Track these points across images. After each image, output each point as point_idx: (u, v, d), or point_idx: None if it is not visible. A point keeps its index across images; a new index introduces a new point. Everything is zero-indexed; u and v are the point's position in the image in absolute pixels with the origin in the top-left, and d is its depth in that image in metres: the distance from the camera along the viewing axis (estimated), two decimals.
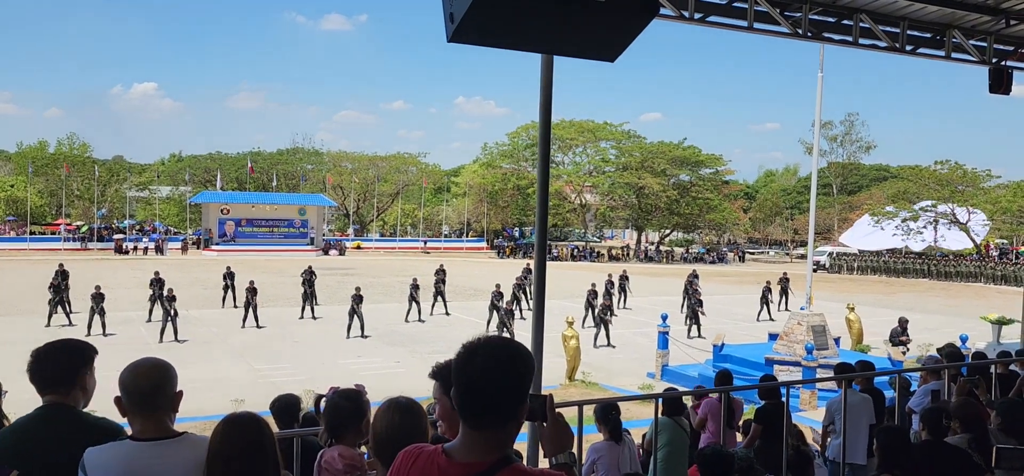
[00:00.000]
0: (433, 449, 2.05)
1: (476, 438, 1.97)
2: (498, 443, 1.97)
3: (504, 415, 1.97)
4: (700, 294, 27.50)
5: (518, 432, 2.04)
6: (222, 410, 10.93)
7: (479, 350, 1.98)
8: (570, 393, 16.03)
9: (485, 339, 2.02)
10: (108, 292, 26.96)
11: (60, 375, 2.94)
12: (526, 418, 2.06)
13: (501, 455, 1.96)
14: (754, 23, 8.29)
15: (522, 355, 2.00)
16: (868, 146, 79.78)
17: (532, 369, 2.03)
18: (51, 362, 2.96)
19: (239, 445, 2.52)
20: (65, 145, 72.98)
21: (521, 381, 1.98)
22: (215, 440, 2.55)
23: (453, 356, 2.82)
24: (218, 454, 2.52)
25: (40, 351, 3.01)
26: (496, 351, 1.98)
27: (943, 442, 5.05)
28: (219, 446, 2.53)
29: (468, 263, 51.34)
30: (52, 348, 3.02)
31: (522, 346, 2.05)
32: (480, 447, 1.96)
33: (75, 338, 3.22)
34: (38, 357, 2.98)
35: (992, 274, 52.70)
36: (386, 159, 79.07)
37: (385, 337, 22.99)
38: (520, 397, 1.99)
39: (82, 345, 3.09)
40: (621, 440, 6.41)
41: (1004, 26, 9.49)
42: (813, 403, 15.39)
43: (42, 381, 2.95)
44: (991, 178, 62.00)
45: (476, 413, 1.96)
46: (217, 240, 61.81)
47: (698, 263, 65.90)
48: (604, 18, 2.30)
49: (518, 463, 1.99)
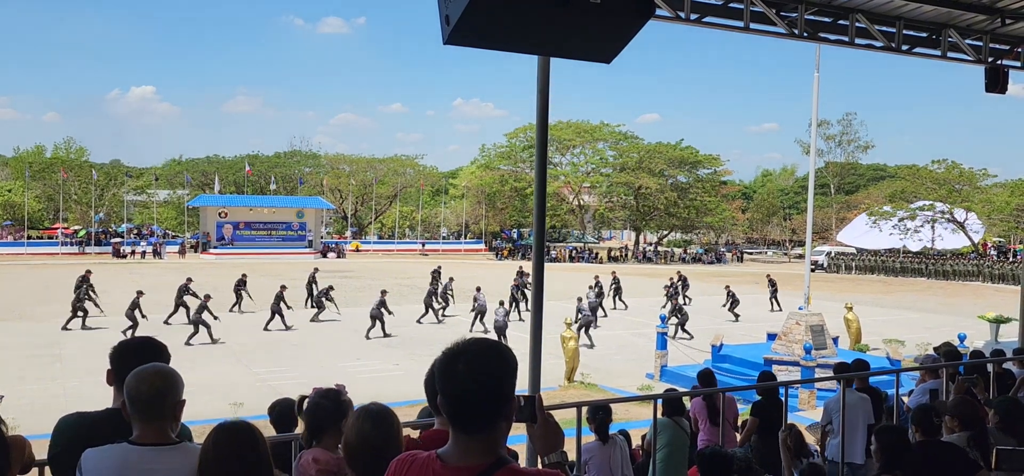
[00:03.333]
0: (426, 456, 2.04)
1: (468, 442, 1.97)
2: (490, 445, 1.97)
3: (493, 417, 1.97)
4: (681, 296, 28.34)
5: (509, 431, 2.03)
6: (220, 414, 10.84)
7: (460, 355, 1.97)
8: (569, 394, 16.04)
9: (464, 343, 2.01)
10: (105, 295, 26.96)
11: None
12: (516, 420, 2.06)
13: (495, 458, 1.96)
14: (750, 23, 8.29)
15: (502, 354, 2.00)
16: (866, 146, 79.92)
17: (515, 367, 2.02)
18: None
19: (231, 453, 2.50)
20: (62, 149, 72.84)
21: (505, 381, 1.98)
22: (207, 447, 2.53)
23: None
24: (209, 461, 2.50)
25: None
26: (477, 354, 1.97)
27: (938, 440, 5.05)
28: (211, 454, 2.51)
29: (466, 265, 51.28)
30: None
31: (502, 344, 2.05)
32: (473, 451, 1.96)
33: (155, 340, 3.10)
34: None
35: (990, 273, 52.73)
36: (384, 161, 78.98)
37: (385, 339, 22.99)
38: (506, 396, 1.98)
39: (160, 344, 3.04)
40: (608, 440, 6.40)
41: (1000, 25, 9.51)
42: (812, 403, 15.41)
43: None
44: (987, 177, 62.18)
45: (465, 418, 1.96)
46: (215, 243, 61.68)
47: (696, 264, 66.01)
48: (600, 20, 2.30)
49: (513, 464, 1.99)
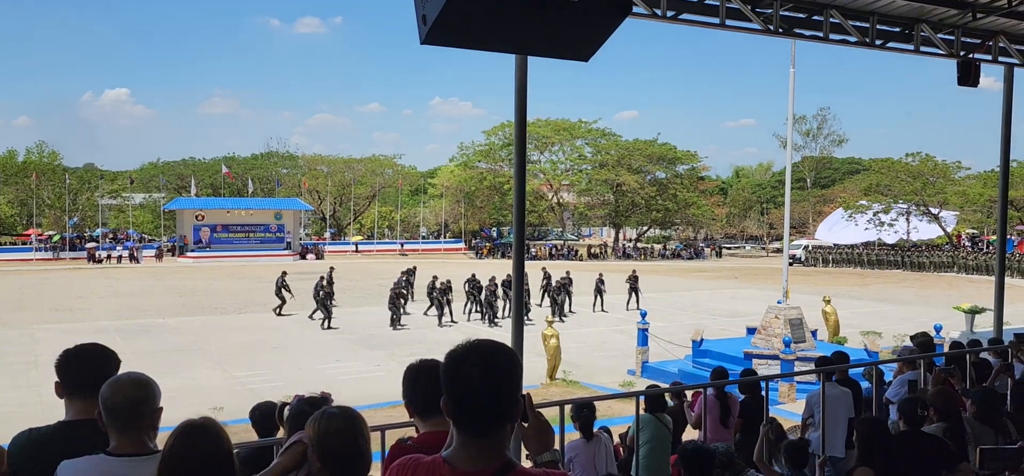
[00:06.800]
0: (431, 460, 1.99)
1: (478, 445, 1.93)
2: (498, 447, 1.94)
3: (502, 420, 1.94)
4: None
5: (512, 432, 2.00)
6: None
7: (468, 357, 1.92)
8: (551, 392, 16.05)
9: (469, 345, 1.96)
10: (81, 301, 26.64)
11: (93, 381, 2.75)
12: None
13: (503, 460, 1.93)
14: (726, 20, 8.33)
15: (510, 356, 1.96)
16: (840, 139, 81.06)
17: (520, 367, 1.99)
18: (83, 365, 2.86)
19: (192, 455, 2.36)
20: (34, 153, 71.75)
21: (514, 382, 1.95)
22: (166, 449, 2.39)
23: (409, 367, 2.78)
24: (170, 463, 2.37)
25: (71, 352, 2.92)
26: (485, 356, 1.92)
27: (920, 431, 5.11)
28: (170, 455, 2.37)
29: (446, 264, 51.21)
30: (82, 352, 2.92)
31: (506, 346, 2.01)
32: (482, 454, 1.92)
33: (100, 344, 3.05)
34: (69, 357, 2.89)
35: (964, 264, 53.44)
36: (362, 162, 78.62)
37: (365, 340, 22.89)
38: (515, 398, 1.96)
39: (111, 351, 2.98)
40: (592, 438, 6.42)
41: (971, 19, 9.62)
42: (792, 396, 15.53)
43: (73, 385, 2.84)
44: (961, 169, 63.06)
45: (475, 421, 1.92)
46: (192, 247, 61.13)
47: (676, 259, 66.36)
48: (577, 18, 2.30)
49: (520, 466, 1.96)
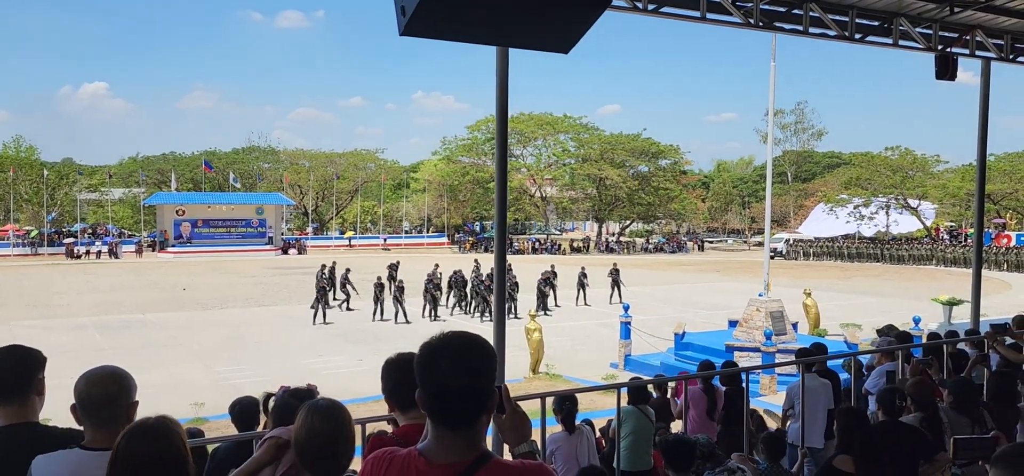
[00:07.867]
0: (406, 453, 1.99)
1: (452, 438, 1.94)
2: (473, 439, 1.95)
3: (476, 411, 1.94)
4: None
5: (488, 424, 2.01)
6: (181, 415, 10.64)
7: (442, 350, 1.93)
8: (534, 386, 16.09)
9: (444, 337, 1.97)
10: (59, 297, 26.38)
11: (15, 383, 2.79)
12: None
13: (479, 452, 1.94)
14: (707, 13, 8.38)
15: (484, 347, 1.97)
16: (819, 133, 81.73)
17: (495, 359, 1.99)
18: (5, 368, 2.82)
19: (140, 455, 2.25)
20: (11, 148, 70.84)
21: (488, 374, 1.95)
22: (115, 450, 2.27)
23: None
24: (118, 465, 2.25)
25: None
26: (459, 348, 1.93)
27: (899, 422, 5.16)
28: (117, 456, 2.26)
29: (429, 259, 51.13)
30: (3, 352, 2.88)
31: (481, 337, 2.01)
32: (457, 446, 1.93)
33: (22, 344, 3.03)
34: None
35: (943, 256, 54.06)
36: (344, 156, 78.36)
37: (348, 335, 22.82)
38: (489, 390, 1.96)
39: (33, 349, 2.95)
40: (574, 430, 6.43)
41: (949, 14, 9.73)
42: (772, 388, 15.65)
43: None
44: (940, 163, 63.78)
45: (449, 413, 1.93)
46: (173, 242, 60.66)
47: (659, 253, 66.66)
48: (556, 9, 2.29)
49: (497, 457, 1.97)
